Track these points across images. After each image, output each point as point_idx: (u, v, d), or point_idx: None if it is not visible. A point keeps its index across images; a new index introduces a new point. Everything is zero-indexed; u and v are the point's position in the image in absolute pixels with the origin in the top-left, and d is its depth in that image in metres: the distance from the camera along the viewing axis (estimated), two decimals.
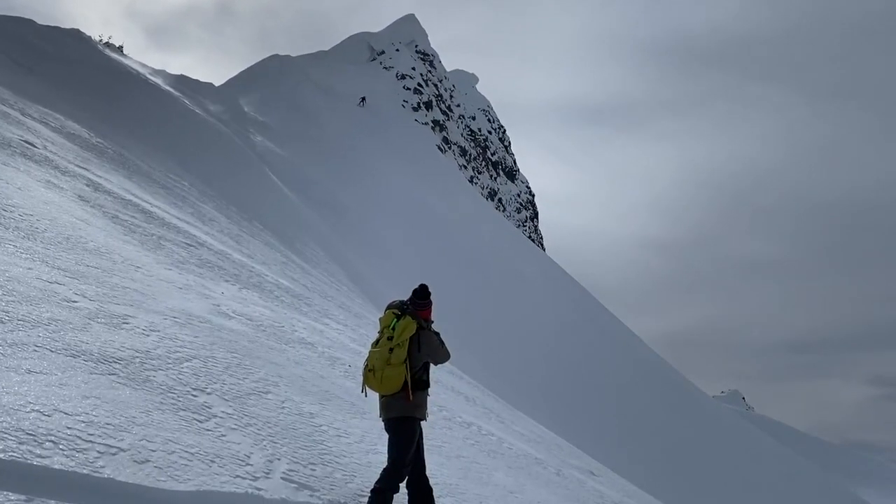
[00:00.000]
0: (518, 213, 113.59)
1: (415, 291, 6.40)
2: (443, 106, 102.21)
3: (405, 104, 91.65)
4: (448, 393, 14.56)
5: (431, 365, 6.43)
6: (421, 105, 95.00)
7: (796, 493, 44.94)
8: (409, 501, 6.19)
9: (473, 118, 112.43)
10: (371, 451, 7.45)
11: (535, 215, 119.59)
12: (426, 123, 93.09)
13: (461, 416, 12.28)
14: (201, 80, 53.04)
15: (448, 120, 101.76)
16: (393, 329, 6.13)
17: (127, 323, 7.63)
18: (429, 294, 6.41)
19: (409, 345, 6.09)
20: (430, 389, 6.44)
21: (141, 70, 38.32)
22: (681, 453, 38.07)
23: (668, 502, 17.75)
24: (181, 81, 46.49)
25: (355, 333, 14.89)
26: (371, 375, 6.11)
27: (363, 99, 64.00)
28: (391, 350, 6.07)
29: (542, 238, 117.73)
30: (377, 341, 6.24)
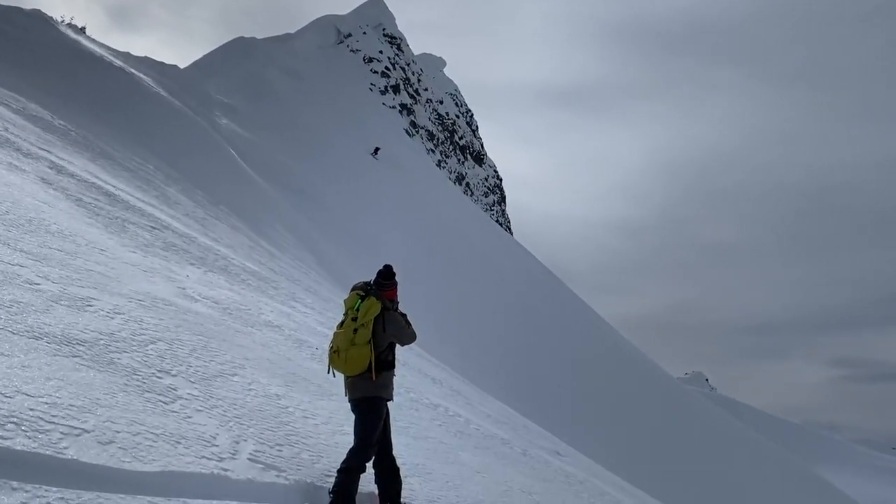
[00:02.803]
0: (485, 197, 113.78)
1: (379, 272, 6.42)
2: (410, 90, 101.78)
3: (372, 87, 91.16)
4: (415, 375, 14.62)
5: (397, 346, 6.47)
6: (388, 89, 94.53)
7: (758, 472, 45.77)
8: (376, 480, 6.24)
9: (441, 102, 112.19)
10: (338, 431, 7.48)
11: (503, 199, 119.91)
12: (393, 107, 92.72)
13: (428, 398, 12.35)
14: (166, 62, 52.22)
15: (415, 104, 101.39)
16: (357, 310, 6.15)
17: (91, 305, 7.57)
18: (393, 275, 6.44)
19: (374, 325, 6.12)
20: (396, 370, 6.48)
21: (104, 52, 37.69)
22: (645, 434, 38.58)
23: (632, 482, 17.99)
24: (145, 63, 45.77)
25: (323, 317, 14.88)
26: (336, 356, 6.14)
27: (377, 150, 60.43)
28: (355, 331, 6.09)
29: (509, 222, 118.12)
30: (342, 323, 6.26)
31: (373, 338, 6.10)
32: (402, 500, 6.29)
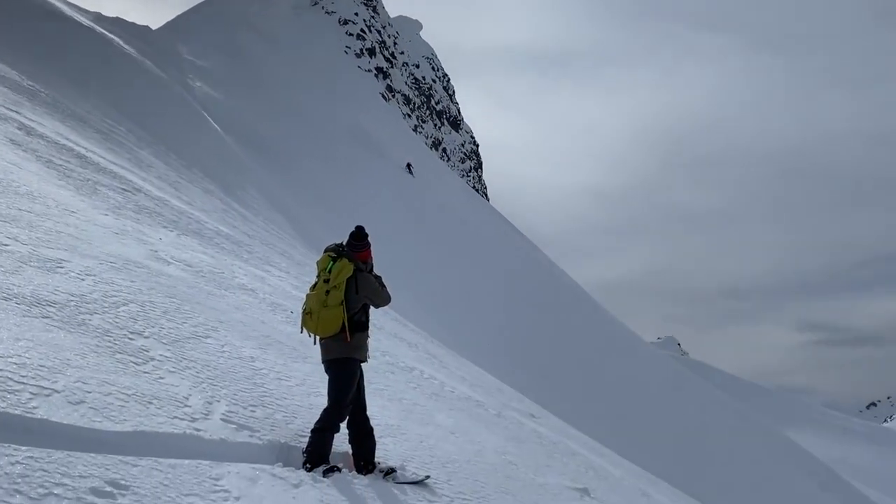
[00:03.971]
0: (462, 163, 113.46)
1: (351, 234, 6.39)
2: (386, 53, 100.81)
3: (348, 50, 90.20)
4: (390, 339, 14.66)
5: (371, 308, 6.46)
6: (364, 52, 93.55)
7: (725, 433, 46.60)
8: (350, 441, 6.27)
9: (417, 66, 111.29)
10: (313, 393, 7.49)
11: (479, 165, 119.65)
12: (369, 71, 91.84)
13: (404, 361, 12.39)
14: (137, 23, 51.30)
15: (392, 67, 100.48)
16: (329, 272, 6.13)
17: (61, 267, 7.49)
18: (366, 235, 6.40)
19: (346, 287, 6.10)
20: (370, 333, 6.48)
21: (74, 12, 36.90)
22: (616, 398, 39.07)
23: (604, 443, 18.23)
24: (117, 24, 44.95)
25: (297, 281, 14.84)
26: (309, 318, 6.13)
27: (409, 165, 57.53)
28: (328, 292, 6.07)
29: (485, 188, 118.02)
30: (315, 285, 6.25)
31: (345, 299, 6.08)
32: (375, 459, 6.32)
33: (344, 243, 6.39)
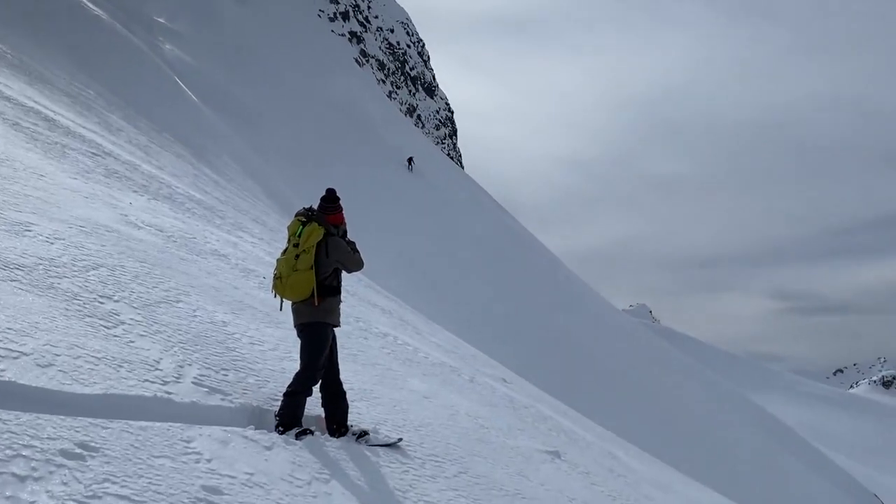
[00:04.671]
0: (437, 129, 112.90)
1: (322, 197, 6.34)
2: (360, 17, 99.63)
3: (321, 14, 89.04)
4: (364, 305, 14.66)
5: (344, 273, 6.44)
6: (337, 15, 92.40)
7: (695, 399, 47.33)
8: (323, 404, 6.28)
9: (392, 31, 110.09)
10: (286, 358, 7.49)
11: (454, 132, 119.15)
12: (343, 35, 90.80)
13: (377, 327, 12.41)
14: None
15: (365, 32, 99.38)
16: (299, 236, 6.08)
17: (29, 231, 7.39)
18: (337, 198, 6.35)
19: (317, 250, 6.05)
20: (342, 297, 6.46)
21: None
22: (588, 364, 39.47)
23: (576, 408, 18.45)
24: None
25: (270, 247, 14.76)
26: (279, 282, 6.10)
27: (410, 160, 54.97)
28: (297, 256, 6.03)
29: (460, 155, 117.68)
30: (286, 250, 6.21)
31: (316, 263, 6.04)
32: (348, 422, 6.35)
33: (315, 206, 6.35)
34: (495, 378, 14.27)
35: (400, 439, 6.65)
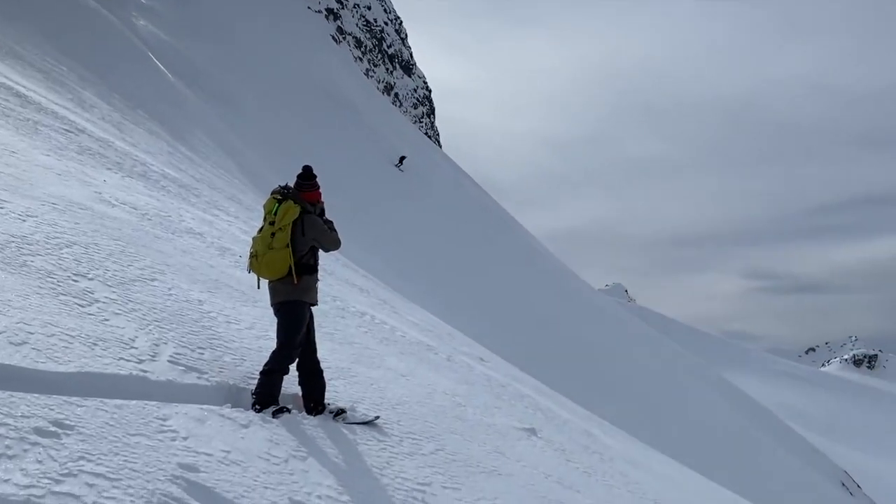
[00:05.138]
0: (415, 108, 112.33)
1: (299, 174, 6.29)
2: None
3: None
4: (342, 284, 14.64)
5: (321, 252, 6.41)
6: None
7: (670, 377, 47.84)
8: (300, 382, 6.28)
9: (369, 7, 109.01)
10: (262, 336, 7.47)
11: (432, 111, 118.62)
12: (319, 12, 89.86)
13: (355, 306, 12.40)
14: None
15: (342, 8, 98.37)
16: (275, 214, 6.04)
17: (2, 208, 7.30)
18: (313, 176, 6.31)
19: (293, 228, 6.01)
20: (319, 276, 6.43)
21: None
22: (564, 342, 39.72)
23: (553, 387, 18.57)
24: None
25: (247, 225, 14.66)
26: (255, 261, 6.06)
27: (402, 159, 52.29)
28: (273, 235, 6.00)
29: (438, 135, 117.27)
30: (262, 228, 6.17)
31: (292, 241, 6.01)
32: (325, 401, 6.35)
33: (291, 184, 6.31)
34: (472, 357, 14.33)
35: (377, 417, 6.67)
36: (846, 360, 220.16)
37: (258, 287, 6.38)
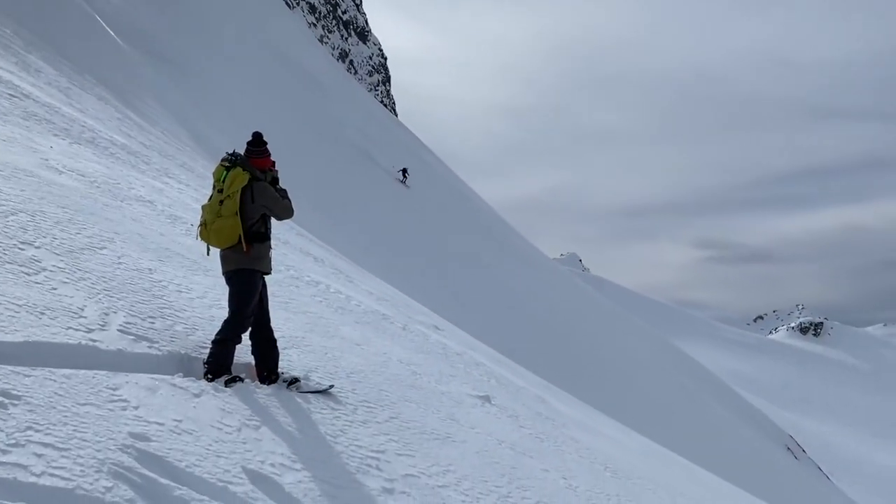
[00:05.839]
0: (370, 76, 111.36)
1: (248, 141, 6.21)
2: None
3: None
4: (296, 253, 14.54)
5: (274, 220, 6.35)
6: None
7: (621, 344, 48.61)
8: (253, 351, 6.25)
9: None
10: (214, 305, 7.40)
11: (388, 79, 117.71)
12: None
13: (309, 276, 12.33)
14: None
15: None
16: (223, 181, 5.96)
17: None
18: (264, 142, 6.22)
19: (242, 196, 5.93)
20: (272, 244, 6.37)
21: None
22: (519, 312, 40.06)
23: (509, 356, 18.76)
24: None
25: (198, 193, 14.44)
26: (204, 229, 5.99)
27: (404, 171, 49.25)
28: (221, 202, 5.92)
29: (394, 103, 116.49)
30: (211, 196, 6.08)
31: (241, 209, 5.93)
32: (279, 370, 6.33)
33: (240, 151, 6.21)
34: (428, 326, 14.37)
35: (331, 386, 6.67)
36: (793, 328, 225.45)
37: (208, 255, 6.30)
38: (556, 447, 8.95)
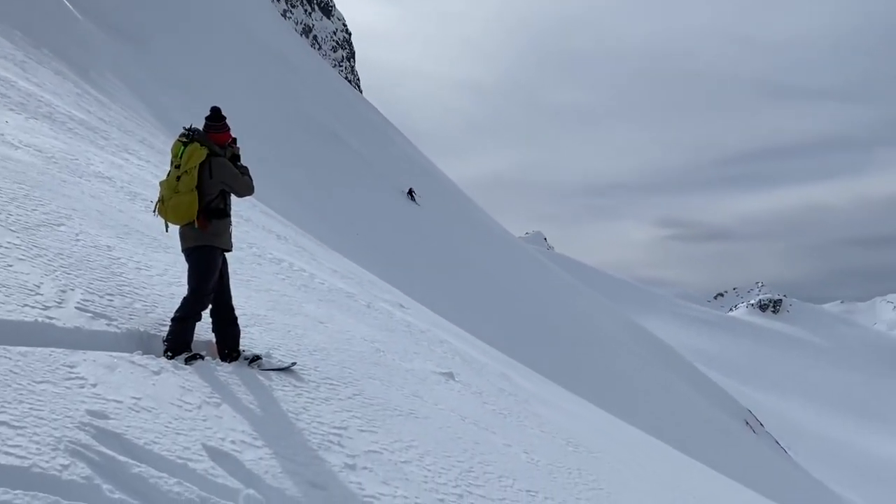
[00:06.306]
0: (334, 52, 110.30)
1: (207, 116, 6.12)
2: None
3: None
4: (258, 231, 14.43)
5: (235, 198, 6.28)
6: None
7: (589, 323, 49.06)
8: (213, 329, 6.20)
9: None
10: (174, 283, 7.33)
11: (352, 55, 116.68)
12: None
13: (272, 253, 12.25)
14: None
15: None
16: (180, 157, 5.89)
17: None
18: (223, 117, 6.15)
19: (200, 171, 5.86)
20: (232, 221, 6.31)
21: None
22: (487, 291, 40.21)
23: (474, 333, 18.84)
24: None
25: (158, 170, 14.24)
26: (161, 205, 5.91)
27: (412, 191, 48.04)
28: (178, 178, 5.84)
29: (359, 79, 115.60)
30: (169, 172, 6.01)
31: (199, 185, 5.86)
32: (240, 348, 6.29)
33: (197, 126, 6.13)
34: (393, 303, 14.37)
35: (294, 363, 6.65)
36: (752, 304, 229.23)
37: (166, 231, 6.23)
38: (519, 422, 9.03)
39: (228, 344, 6.18)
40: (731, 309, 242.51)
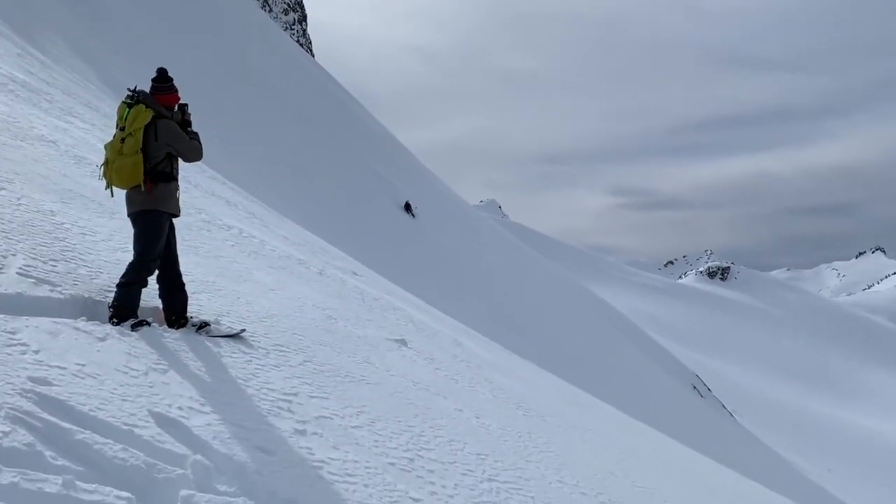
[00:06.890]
0: (285, 14, 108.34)
1: (153, 77, 5.99)
2: None
3: None
4: (208, 197, 14.21)
5: (183, 162, 6.16)
6: None
7: (541, 289, 49.51)
8: (160, 295, 6.12)
9: None
10: (120, 249, 7.20)
11: (304, 18, 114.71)
12: None
13: (221, 220, 12.09)
14: None
15: None
16: (125, 119, 5.76)
17: None
18: (169, 78, 6.02)
19: (145, 134, 5.75)
20: (180, 185, 6.20)
21: None
22: (436, 257, 40.27)
23: (427, 300, 18.88)
24: None
25: (104, 134, 13.89)
26: (106, 168, 5.79)
27: (408, 206, 45.74)
28: (123, 140, 5.73)
29: (310, 43, 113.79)
30: (115, 134, 5.87)
31: (144, 147, 5.75)
32: (188, 314, 6.22)
33: (141, 88, 6.00)
34: (345, 271, 14.32)
35: (243, 330, 6.59)
36: (701, 272, 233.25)
37: (112, 196, 6.10)
38: (471, 388, 9.10)
39: (176, 310, 6.10)
40: (680, 276, 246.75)
